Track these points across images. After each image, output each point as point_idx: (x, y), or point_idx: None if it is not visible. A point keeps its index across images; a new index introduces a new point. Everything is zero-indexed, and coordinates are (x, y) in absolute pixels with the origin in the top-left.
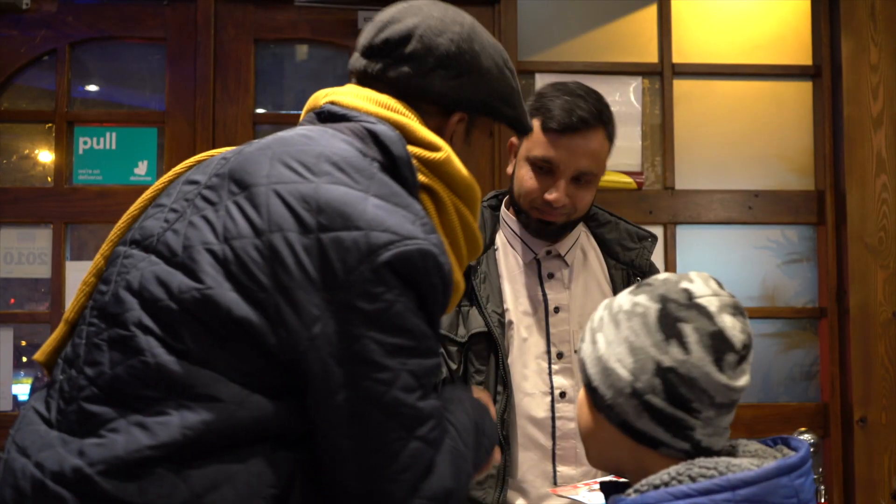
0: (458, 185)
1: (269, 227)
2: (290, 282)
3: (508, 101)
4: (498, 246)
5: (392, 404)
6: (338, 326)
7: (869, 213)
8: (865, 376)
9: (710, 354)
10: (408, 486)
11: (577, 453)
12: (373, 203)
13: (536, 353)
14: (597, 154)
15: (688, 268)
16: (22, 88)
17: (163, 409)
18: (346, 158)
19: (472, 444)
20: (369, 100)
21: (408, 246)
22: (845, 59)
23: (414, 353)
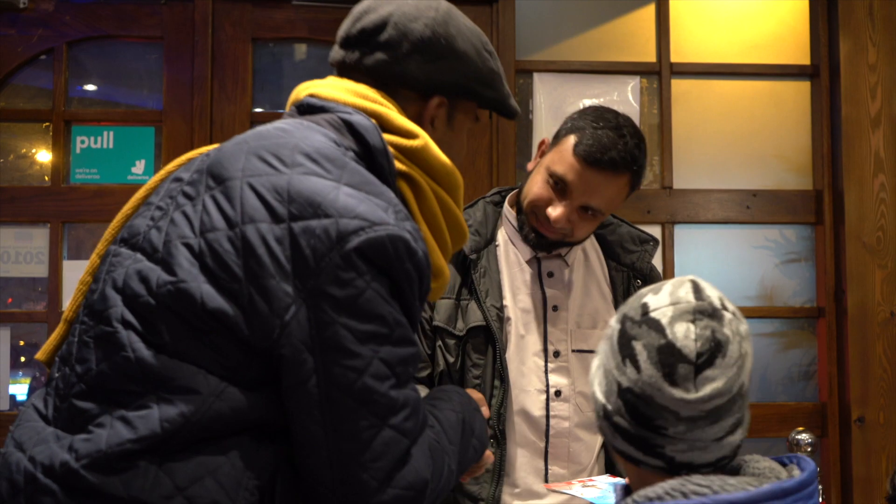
0: (437, 172)
1: (241, 218)
2: (262, 271)
3: (488, 83)
4: (499, 242)
5: (363, 391)
6: (309, 313)
7: (867, 213)
8: (863, 376)
9: (659, 370)
10: (381, 475)
11: (570, 452)
12: (344, 192)
13: (533, 350)
14: (612, 198)
15: (685, 267)
16: (19, 87)
17: (144, 402)
18: (319, 149)
19: (457, 441)
20: (347, 90)
21: (378, 232)
22: (843, 58)
23: (386, 340)
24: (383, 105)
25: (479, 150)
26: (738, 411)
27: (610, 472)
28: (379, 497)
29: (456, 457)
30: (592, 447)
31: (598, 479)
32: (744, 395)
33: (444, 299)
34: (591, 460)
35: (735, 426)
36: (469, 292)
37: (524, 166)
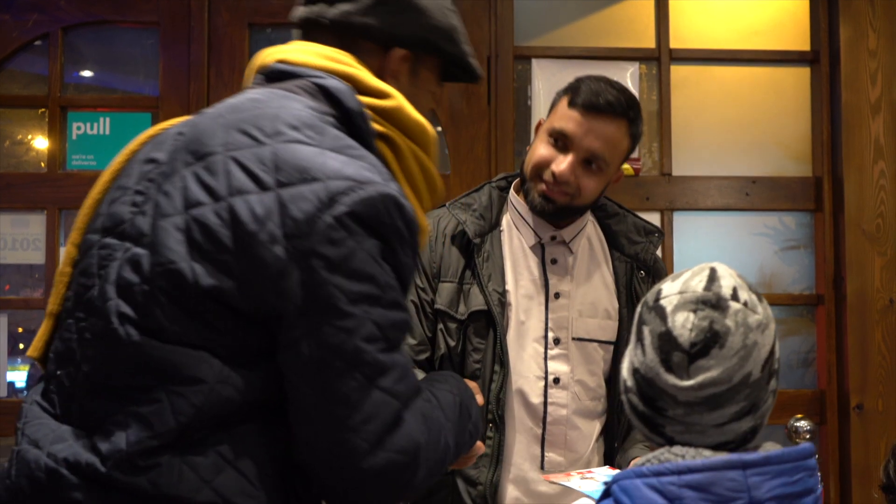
0: (412, 130)
1: (228, 191)
2: (252, 240)
3: (450, 38)
4: (503, 227)
5: (353, 353)
6: (302, 275)
7: (866, 200)
8: (862, 363)
9: (658, 355)
10: (372, 438)
11: (567, 439)
12: (329, 156)
13: (533, 336)
14: (613, 141)
15: (684, 254)
16: (14, 73)
17: (154, 397)
18: (298, 117)
19: (454, 419)
20: (317, 54)
21: (367, 190)
22: (843, 44)
23: (378, 302)
24: (354, 67)
25: (478, 137)
26: (744, 399)
27: (609, 465)
28: (371, 460)
29: (453, 434)
30: (589, 436)
31: (597, 472)
32: (752, 384)
33: (447, 283)
34: (587, 449)
35: (741, 413)
36: (472, 276)
37: (523, 153)
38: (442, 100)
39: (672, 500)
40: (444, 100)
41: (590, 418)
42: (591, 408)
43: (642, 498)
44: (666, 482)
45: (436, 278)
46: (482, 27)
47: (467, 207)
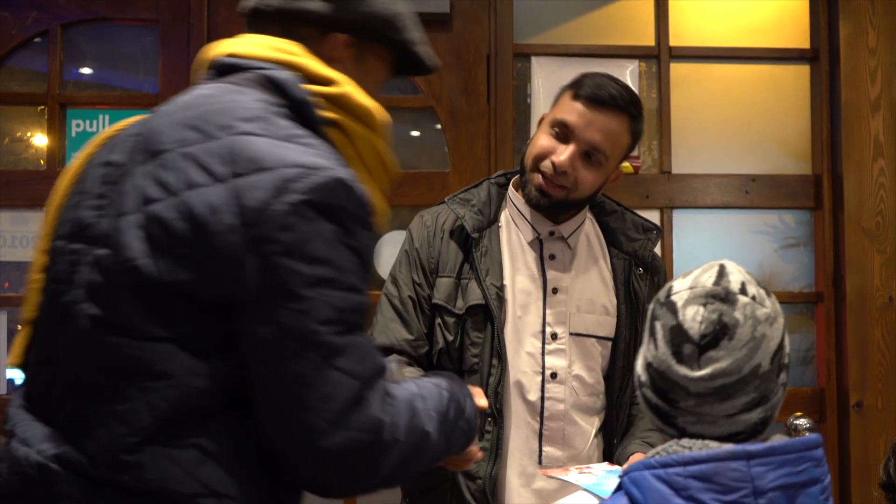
0: (362, 114)
1: (182, 186)
2: (208, 232)
3: (392, 25)
4: (502, 223)
5: (309, 334)
6: (258, 262)
7: (866, 198)
8: (861, 361)
9: (670, 348)
10: (330, 417)
11: (564, 435)
12: (280, 145)
13: (531, 331)
14: (613, 135)
15: (683, 252)
16: (13, 70)
17: (128, 394)
18: (248, 109)
19: (438, 410)
20: (265, 46)
21: (318, 176)
22: (843, 42)
23: (334, 285)
24: (301, 56)
25: (477, 135)
26: (754, 391)
27: (608, 461)
28: (330, 439)
29: (437, 424)
30: (588, 432)
31: (595, 467)
32: (762, 375)
33: (445, 278)
34: (585, 445)
35: (752, 405)
36: (470, 271)
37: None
38: (442, 97)
39: (678, 490)
40: (444, 97)
41: (588, 414)
42: (590, 403)
43: (651, 489)
44: (672, 473)
45: (434, 273)
46: (482, 25)
47: (466, 203)
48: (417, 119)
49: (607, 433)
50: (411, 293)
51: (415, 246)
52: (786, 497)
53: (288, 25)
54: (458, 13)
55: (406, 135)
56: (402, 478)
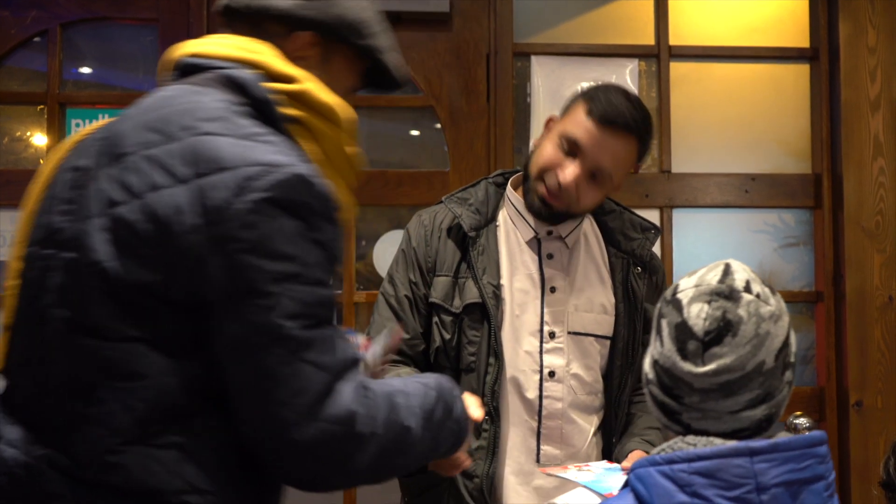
0: (325, 111)
1: (145, 188)
2: (172, 232)
3: (357, 30)
4: (499, 222)
5: (275, 329)
6: (222, 260)
7: (866, 197)
8: (861, 360)
9: (675, 345)
10: (301, 409)
11: (562, 433)
12: (240, 144)
13: (529, 330)
14: (621, 159)
15: (683, 251)
16: (13, 70)
17: (103, 396)
18: (209, 110)
19: (422, 407)
20: (228, 45)
21: (279, 173)
22: (843, 41)
23: (299, 279)
24: (264, 54)
25: (477, 134)
26: (758, 388)
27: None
28: (302, 431)
29: (422, 420)
30: (586, 431)
31: (594, 465)
32: (766, 372)
33: (443, 277)
34: (584, 444)
35: (756, 402)
36: (467, 270)
37: (521, 150)
38: (441, 96)
39: (683, 486)
40: (444, 97)
41: (586, 413)
42: (588, 402)
43: (655, 485)
44: (677, 469)
45: (431, 272)
46: (481, 24)
47: (463, 202)
48: (417, 118)
49: (606, 432)
50: (407, 292)
51: (412, 245)
52: (789, 493)
53: (256, 23)
54: (457, 12)
55: (406, 134)
56: (384, 472)
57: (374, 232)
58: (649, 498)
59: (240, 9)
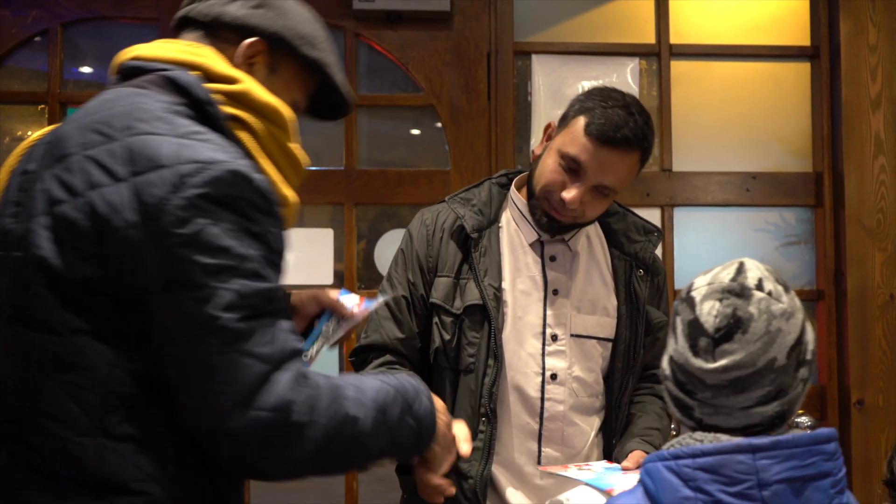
0: (265, 111)
1: (85, 187)
2: (111, 229)
3: (309, 42)
4: (502, 224)
5: (210, 320)
6: (160, 254)
7: (867, 195)
8: (863, 359)
9: (687, 341)
10: (237, 399)
11: (564, 435)
12: (176, 142)
13: (532, 332)
14: (625, 175)
15: (684, 250)
16: (14, 69)
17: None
18: (147, 110)
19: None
20: (170, 48)
21: (214, 169)
22: (844, 39)
23: (235, 272)
24: (204, 56)
25: (478, 133)
26: (769, 384)
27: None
28: (236, 420)
29: (373, 414)
30: (587, 433)
31: (594, 464)
32: (777, 369)
33: (444, 277)
34: (585, 445)
35: (767, 398)
36: (468, 271)
37: (522, 149)
38: (442, 95)
39: (687, 481)
40: (445, 96)
41: (587, 414)
42: (589, 404)
43: (662, 479)
44: (682, 465)
45: (432, 273)
46: (482, 23)
47: (466, 202)
48: (418, 117)
49: (606, 433)
50: (405, 293)
51: (413, 245)
52: (792, 490)
53: (211, 30)
54: (458, 11)
55: (406, 133)
56: (330, 463)
57: (375, 231)
58: (656, 492)
59: (197, 17)
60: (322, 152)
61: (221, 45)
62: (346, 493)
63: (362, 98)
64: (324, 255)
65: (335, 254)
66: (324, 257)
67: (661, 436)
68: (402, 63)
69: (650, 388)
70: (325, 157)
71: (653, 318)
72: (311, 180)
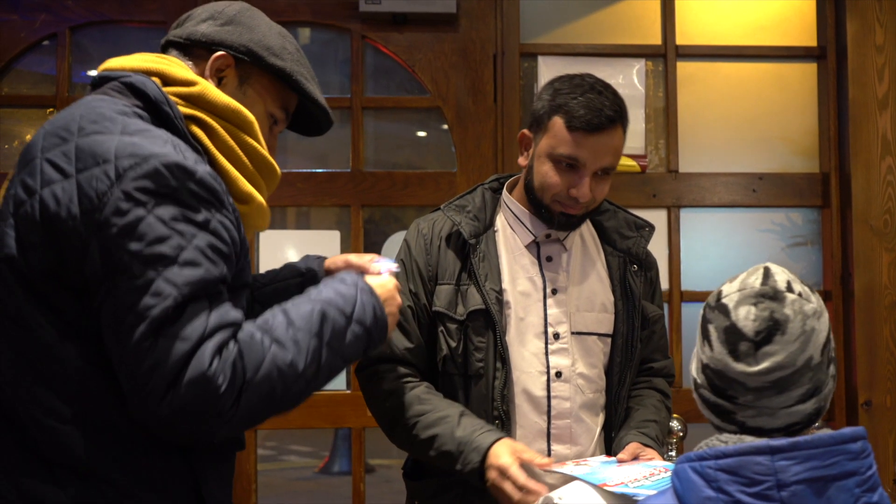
0: (222, 111)
1: (40, 186)
2: (58, 221)
3: (275, 53)
4: (498, 227)
5: (143, 309)
6: (99, 245)
7: (874, 196)
8: (870, 359)
9: (725, 347)
10: (164, 382)
11: (572, 433)
12: (121, 140)
13: (534, 332)
14: (618, 150)
15: (690, 251)
16: (22, 73)
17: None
18: (100, 113)
19: (309, 329)
20: (135, 59)
21: (151, 162)
22: (850, 40)
23: (168, 260)
24: (164, 63)
25: (484, 135)
26: (808, 382)
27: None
28: (165, 403)
29: (309, 345)
30: (593, 430)
31: (592, 460)
32: (814, 367)
33: (445, 285)
34: (591, 442)
35: (806, 396)
36: (469, 277)
37: None
38: (448, 97)
39: (710, 481)
40: (451, 97)
41: (593, 412)
42: (594, 400)
43: (687, 480)
44: (706, 465)
45: (433, 281)
46: (488, 25)
47: (461, 209)
48: (424, 119)
49: (607, 427)
50: (409, 303)
51: (412, 255)
52: (812, 490)
53: (185, 49)
54: (464, 13)
55: (413, 135)
56: (282, 404)
57: (382, 233)
58: (682, 491)
59: (174, 39)
60: (329, 154)
61: (195, 61)
62: (354, 495)
63: (368, 100)
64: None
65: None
66: None
67: (658, 427)
68: (408, 65)
69: (648, 381)
70: (332, 159)
71: (648, 312)
72: (317, 182)
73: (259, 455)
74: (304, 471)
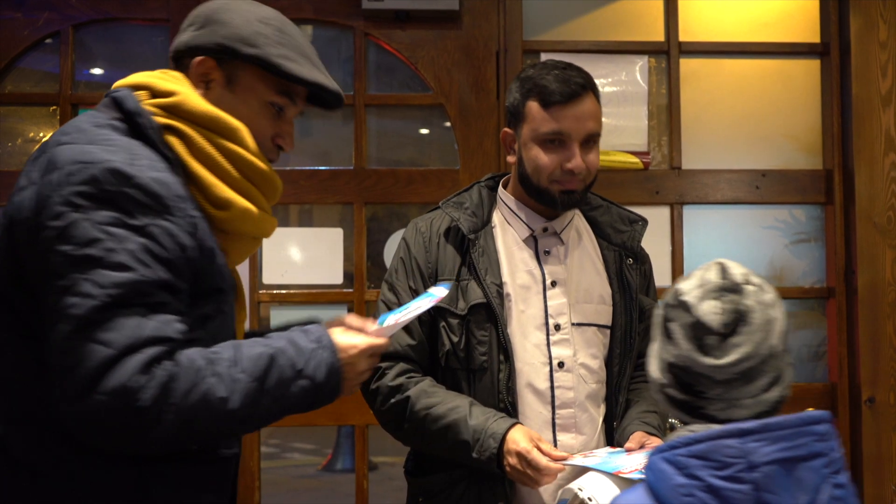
0: (201, 119)
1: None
2: (16, 224)
3: (249, 42)
4: (495, 224)
5: (68, 309)
6: (37, 247)
7: (877, 193)
8: (873, 356)
9: (692, 343)
10: (83, 382)
11: (577, 422)
12: (77, 148)
13: (535, 324)
14: (597, 116)
15: (693, 248)
16: (25, 71)
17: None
18: (76, 125)
19: (253, 372)
20: (134, 76)
21: (92, 168)
22: (854, 36)
23: (99, 263)
24: (156, 77)
25: (487, 132)
26: (771, 371)
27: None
28: (80, 404)
29: (246, 388)
30: (596, 420)
31: (598, 451)
32: (776, 355)
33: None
34: (595, 432)
35: (770, 384)
36: (469, 271)
37: None
38: (451, 94)
39: (681, 468)
40: (454, 94)
41: (595, 403)
42: (596, 390)
43: (659, 471)
44: (677, 454)
45: (433, 278)
46: (491, 21)
47: (460, 206)
48: (427, 116)
49: (608, 419)
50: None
51: (412, 253)
52: (783, 470)
53: (177, 62)
54: (467, 10)
55: (416, 132)
56: (201, 436)
57: (385, 230)
58: (654, 482)
59: (171, 54)
60: (331, 152)
61: (186, 72)
62: (357, 493)
63: (371, 97)
64: (333, 254)
65: (344, 253)
66: (333, 257)
67: (658, 417)
68: (411, 62)
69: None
70: (335, 156)
71: (644, 305)
72: (320, 180)
73: (262, 453)
74: (307, 468)
